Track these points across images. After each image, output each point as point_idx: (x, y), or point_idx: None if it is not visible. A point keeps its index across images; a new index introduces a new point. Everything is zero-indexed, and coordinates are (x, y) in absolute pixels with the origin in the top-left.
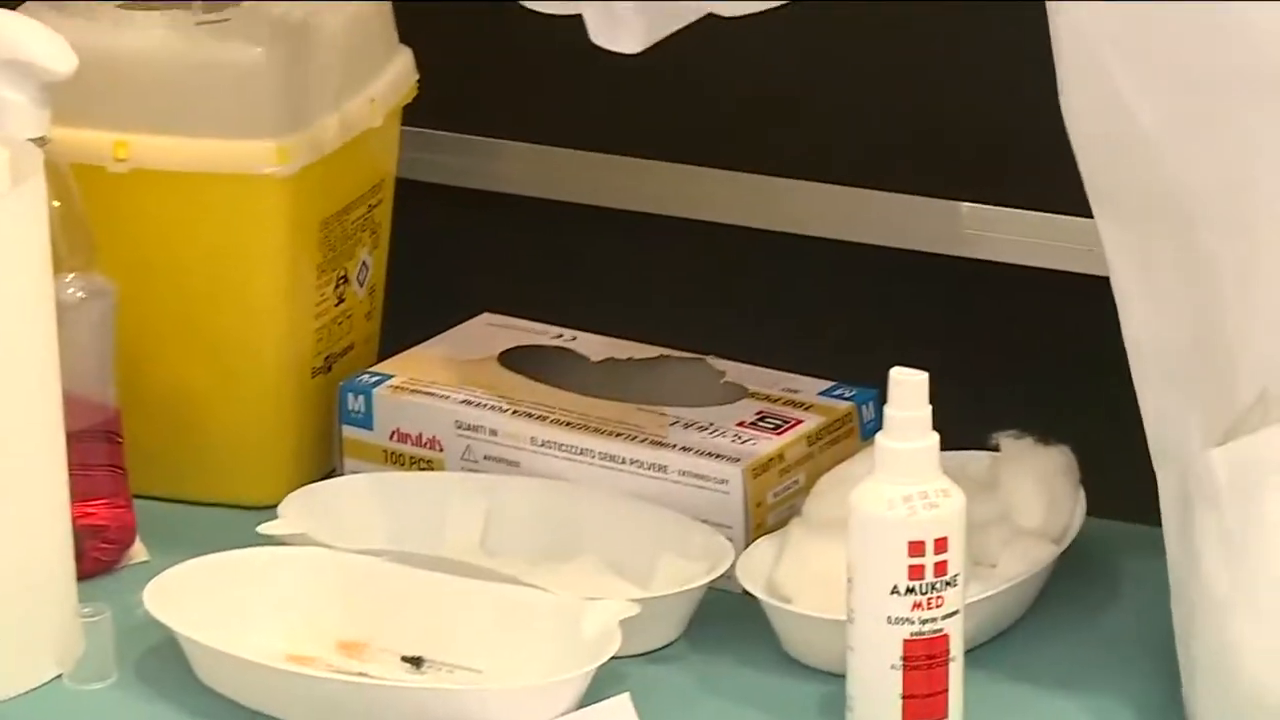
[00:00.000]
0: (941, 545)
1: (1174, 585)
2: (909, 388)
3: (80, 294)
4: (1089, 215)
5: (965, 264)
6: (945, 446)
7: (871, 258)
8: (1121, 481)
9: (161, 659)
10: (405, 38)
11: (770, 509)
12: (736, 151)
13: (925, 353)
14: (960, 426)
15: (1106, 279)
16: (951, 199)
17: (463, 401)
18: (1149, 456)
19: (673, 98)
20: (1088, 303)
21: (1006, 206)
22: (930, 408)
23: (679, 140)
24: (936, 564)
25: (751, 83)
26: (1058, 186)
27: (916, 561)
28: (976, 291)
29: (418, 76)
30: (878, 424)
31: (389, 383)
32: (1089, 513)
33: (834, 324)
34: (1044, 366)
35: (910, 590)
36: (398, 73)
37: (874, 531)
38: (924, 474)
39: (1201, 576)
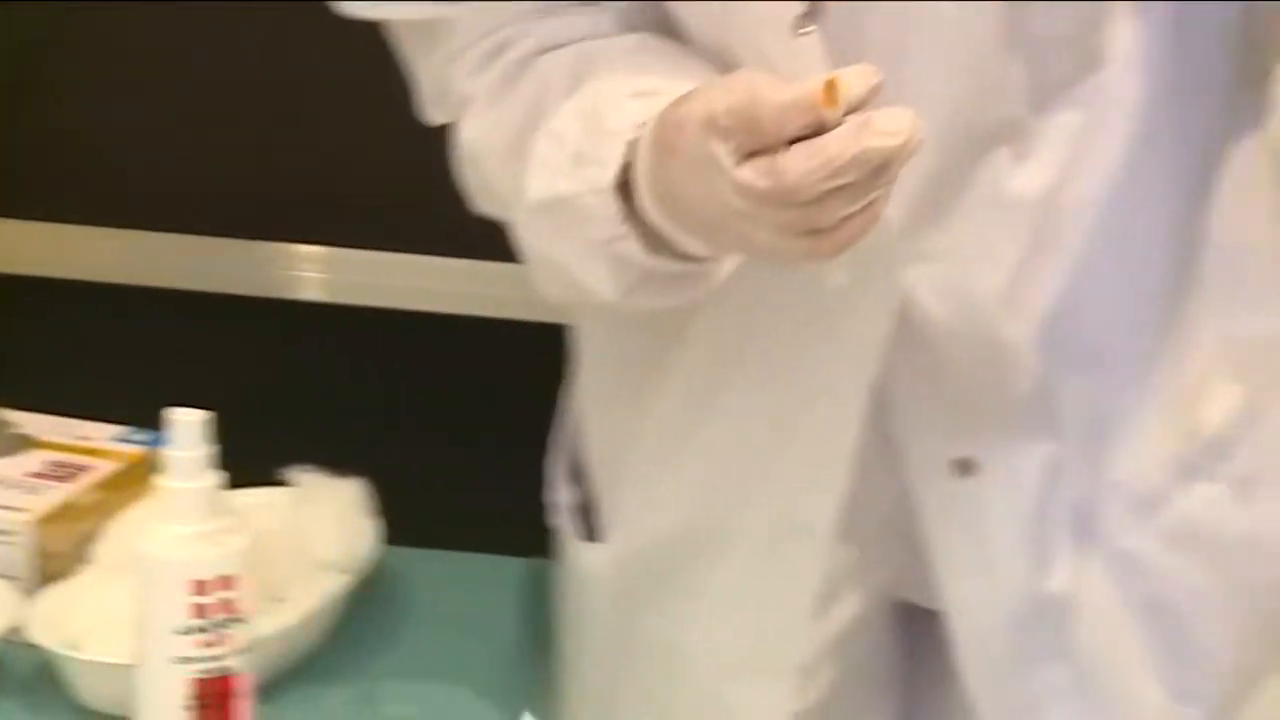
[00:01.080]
0: (226, 583)
1: None
2: (186, 427)
3: None
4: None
5: (264, 304)
6: (243, 484)
7: (173, 301)
8: (418, 511)
9: None
10: None
11: (63, 557)
12: (33, 199)
13: (227, 393)
14: (260, 464)
15: (407, 312)
16: (259, 239)
17: None
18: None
19: None
20: (388, 337)
21: (315, 244)
22: (211, 446)
23: None
24: (222, 602)
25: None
26: (369, 223)
27: (199, 600)
28: (277, 331)
29: None
30: None
31: None
32: (389, 542)
33: (135, 369)
34: (345, 402)
35: (195, 630)
36: None
37: (156, 573)
38: (206, 513)
39: None
